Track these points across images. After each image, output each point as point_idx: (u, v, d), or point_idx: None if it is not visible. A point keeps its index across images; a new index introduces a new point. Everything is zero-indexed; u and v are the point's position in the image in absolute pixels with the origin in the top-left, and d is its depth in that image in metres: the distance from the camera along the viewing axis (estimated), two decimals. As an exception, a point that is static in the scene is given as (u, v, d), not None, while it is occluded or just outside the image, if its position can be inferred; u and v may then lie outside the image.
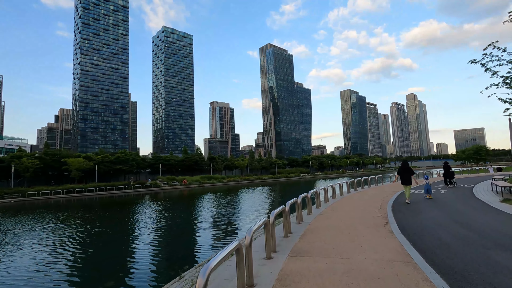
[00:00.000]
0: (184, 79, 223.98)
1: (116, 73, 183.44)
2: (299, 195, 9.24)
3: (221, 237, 19.03)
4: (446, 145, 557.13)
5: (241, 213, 29.03)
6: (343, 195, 16.60)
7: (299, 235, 7.30)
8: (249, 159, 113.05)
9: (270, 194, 49.57)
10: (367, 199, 14.57)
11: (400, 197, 15.42)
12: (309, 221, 9.17)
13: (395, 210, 10.94)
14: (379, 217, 9.56)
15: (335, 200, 14.55)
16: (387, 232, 7.28)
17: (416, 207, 11.69)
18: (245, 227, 22.11)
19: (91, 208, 39.20)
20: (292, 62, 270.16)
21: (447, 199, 14.13)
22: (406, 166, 13.50)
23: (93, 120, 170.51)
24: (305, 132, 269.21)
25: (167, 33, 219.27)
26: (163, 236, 20.53)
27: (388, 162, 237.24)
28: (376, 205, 12.48)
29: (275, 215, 6.09)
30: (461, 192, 16.78)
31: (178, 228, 23.44)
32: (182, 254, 15.85)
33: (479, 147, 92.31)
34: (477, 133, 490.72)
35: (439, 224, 8.13)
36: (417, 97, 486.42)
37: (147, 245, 17.80)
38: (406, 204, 12.77)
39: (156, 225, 24.60)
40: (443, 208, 11.29)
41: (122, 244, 18.64)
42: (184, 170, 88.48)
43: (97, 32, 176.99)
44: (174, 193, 57.53)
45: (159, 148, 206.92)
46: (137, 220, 27.35)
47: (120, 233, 22.51)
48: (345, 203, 13.28)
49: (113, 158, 69.06)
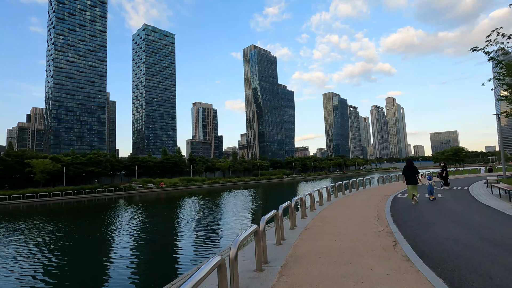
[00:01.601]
0: (165, 79, 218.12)
1: (93, 71, 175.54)
2: (280, 206, 7.00)
3: (197, 249, 16.48)
4: (422, 147, 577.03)
5: (214, 222, 26.51)
6: (330, 201, 14.53)
7: (278, 268, 5.02)
8: (232, 160, 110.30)
9: (251, 198, 47.28)
10: (359, 206, 12.54)
11: (395, 202, 13.53)
12: (293, 240, 6.91)
13: (397, 221, 8.90)
14: (382, 232, 7.45)
15: (323, 207, 12.41)
16: (402, 261, 5.12)
17: (422, 215, 9.72)
18: (223, 237, 19.69)
19: (53, 214, 35.34)
20: (276, 64, 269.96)
21: (451, 204, 12.32)
22: (411, 165, 12.57)
23: (68, 120, 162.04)
24: (288, 133, 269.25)
25: (148, 31, 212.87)
26: (128, 249, 17.69)
27: (369, 164, 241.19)
28: (372, 213, 10.44)
29: (238, 244, 3.82)
30: (460, 195, 15.12)
31: (148, 238, 20.61)
32: (150, 272, 13.19)
33: (458, 148, 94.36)
34: (451, 135, 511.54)
35: (465, 245, 6.06)
36: (396, 100, 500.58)
37: (109, 261, 14.98)
38: (406, 210, 10.89)
39: (120, 235, 21.63)
40: (454, 217, 9.35)
41: (76, 263, 15.69)
42: (163, 172, 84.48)
43: (73, 28, 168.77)
44: (150, 196, 53.93)
45: (139, 149, 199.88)
46: (99, 229, 24.22)
47: (76, 245, 19.41)
48: (336, 212, 11.16)
49: (84, 159, 64.18)
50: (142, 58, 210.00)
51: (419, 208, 11.63)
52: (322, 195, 13.84)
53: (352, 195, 16.85)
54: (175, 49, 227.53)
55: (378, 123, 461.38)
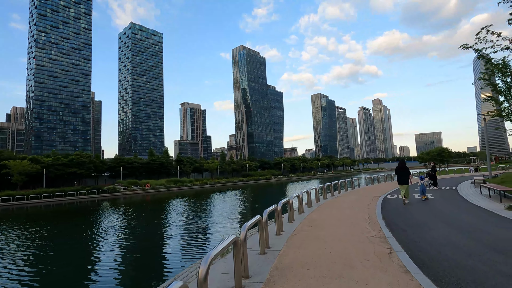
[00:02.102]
0: (153, 78, 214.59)
1: (77, 69, 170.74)
2: (265, 210, 6.36)
3: (173, 259, 15.62)
4: (408, 147, 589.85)
5: (197, 226, 25.66)
6: (319, 202, 13.98)
7: (260, 284, 4.34)
8: (220, 161, 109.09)
9: (238, 200, 46.53)
10: (349, 207, 12.03)
11: (385, 203, 13.10)
12: (279, 248, 6.25)
13: (390, 224, 8.39)
14: (374, 237, 6.90)
15: (311, 209, 11.84)
16: (400, 273, 4.54)
17: (414, 218, 9.25)
18: (205, 245, 18.89)
19: (30, 218, 33.55)
20: (265, 64, 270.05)
21: (442, 205, 11.95)
22: (403, 165, 12.61)
23: (50, 120, 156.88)
24: (277, 134, 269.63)
25: (135, 30, 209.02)
26: (106, 256, 16.64)
27: (357, 164, 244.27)
28: (363, 216, 9.92)
29: (209, 262, 3.14)
30: (450, 196, 14.85)
31: (127, 244, 19.54)
32: (125, 280, 12.27)
33: (442, 149, 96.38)
34: (435, 136, 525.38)
35: (467, 253, 5.54)
36: (382, 102, 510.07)
37: (88, 269, 13.93)
38: (398, 212, 10.45)
39: (99, 240, 20.49)
40: (448, 220, 8.91)
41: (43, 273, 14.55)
42: (150, 173, 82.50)
43: (56, 25, 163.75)
44: (135, 198, 52.27)
45: (125, 150, 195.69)
46: (79, 234, 22.97)
47: (52, 253, 18.16)
48: (325, 214, 10.59)
49: (66, 160, 61.64)
50: (129, 57, 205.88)
51: (411, 209, 11.22)
52: (311, 197, 13.28)
53: (341, 196, 16.39)
54: (162, 48, 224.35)
55: (365, 124, 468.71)
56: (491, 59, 13.94)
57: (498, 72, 16.89)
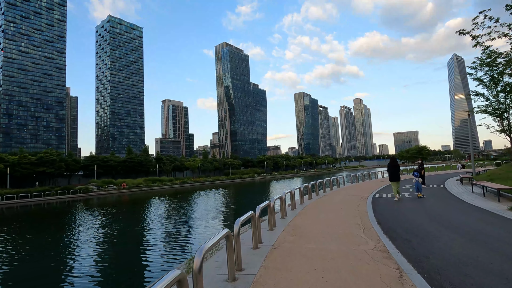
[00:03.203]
0: (132, 74, 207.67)
1: (51, 63, 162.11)
2: (238, 219, 4.86)
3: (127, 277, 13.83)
4: (387, 146, 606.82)
5: (166, 233, 23.87)
6: (304, 203, 12.63)
7: None
8: (202, 159, 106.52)
9: (217, 200, 44.85)
10: (337, 209, 10.74)
11: (375, 203, 11.92)
12: (254, 271, 4.73)
13: (388, 231, 7.10)
14: (374, 250, 5.54)
15: (295, 212, 10.45)
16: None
17: (413, 222, 7.98)
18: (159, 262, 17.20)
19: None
20: (248, 62, 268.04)
21: (437, 205, 10.87)
22: (395, 163, 12.90)
23: (20, 116, 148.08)
24: (260, 132, 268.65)
25: (113, 23, 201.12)
26: (62, 263, 14.57)
27: (338, 162, 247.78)
28: (354, 219, 8.62)
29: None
30: (441, 194, 13.88)
31: (92, 250, 17.47)
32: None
33: (421, 147, 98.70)
34: (412, 135, 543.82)
35: (500, 275, 4.28)
36: (363, 101, 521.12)
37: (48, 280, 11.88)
38: (392, 214, 9.25)
39: (62, 244, 18.26)
40: (451, 224, 7.69)
41: None
42: (128, 172, 78.87)
43: (26, 15, 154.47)
44: (110, 199, 49.21)
45: (103, 148, 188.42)
46: (40, 239, 20.55)
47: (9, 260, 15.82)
48: (311, 219, 9.22)
49: (34, 159, 57.20)
50: (107, 51, 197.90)
51: (405, 211, 10.06)
52: (295, 197, 11.88)
53: (326, 196, 15.14)
54: (143, 43, 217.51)
55: (346, 123, 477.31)
56: (489, 47, 13.10)
57: (487, 66, 16.23)
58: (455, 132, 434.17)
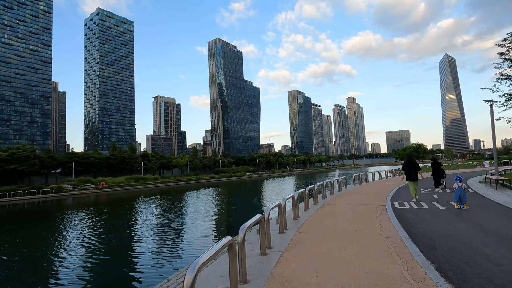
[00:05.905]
0: (122, 69, 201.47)
1: (36, 56, 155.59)
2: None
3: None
4: (379, 144, 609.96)
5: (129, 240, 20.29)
6: (299, 220, 9.18)
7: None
8: (191, 156, 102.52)
9: (202, 202, 41.32)
10: (352, 234, 7.26)
11: (403, 220, 8.52)
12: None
13: (443, 270, 3.78)
14: None
15: (285, 242, 7.02)
16: None
17: (479, 256, 4.66)
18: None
19: None
20: (242, 59, 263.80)
21: (491, 222, 7.51)
22: (412, 160, 11.91)
23: (3, 111, 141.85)
24: (253, 130, 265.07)
25: (103, 16, 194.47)
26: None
27: (332, 160, 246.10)
28: (389, 258, 5.26)
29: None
30: (484, 204, 10.35)
31: (51, 261, 13.77)
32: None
33: (418, 145, 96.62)
34: (404, 134, 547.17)
35: None
36: (356, 100, 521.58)
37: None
38: (439, 237, 5.83)
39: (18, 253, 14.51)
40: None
41: None
42: (111, 170, 74.50)
43: (10, 6, 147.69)
44: (85, 199, 45.03)
45: (91, 145, 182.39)
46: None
47: None
48: (314, 262, 5.81)
49: (5, 155, 52.44)
50: (96, 45, 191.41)
51: (461, 233, 6.68)
52: (285, 214, 8.17)
53: (329, 206, 11.70)
54: (133, 37, 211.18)
55: (339, 122, 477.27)
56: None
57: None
58: (446, 131, 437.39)
